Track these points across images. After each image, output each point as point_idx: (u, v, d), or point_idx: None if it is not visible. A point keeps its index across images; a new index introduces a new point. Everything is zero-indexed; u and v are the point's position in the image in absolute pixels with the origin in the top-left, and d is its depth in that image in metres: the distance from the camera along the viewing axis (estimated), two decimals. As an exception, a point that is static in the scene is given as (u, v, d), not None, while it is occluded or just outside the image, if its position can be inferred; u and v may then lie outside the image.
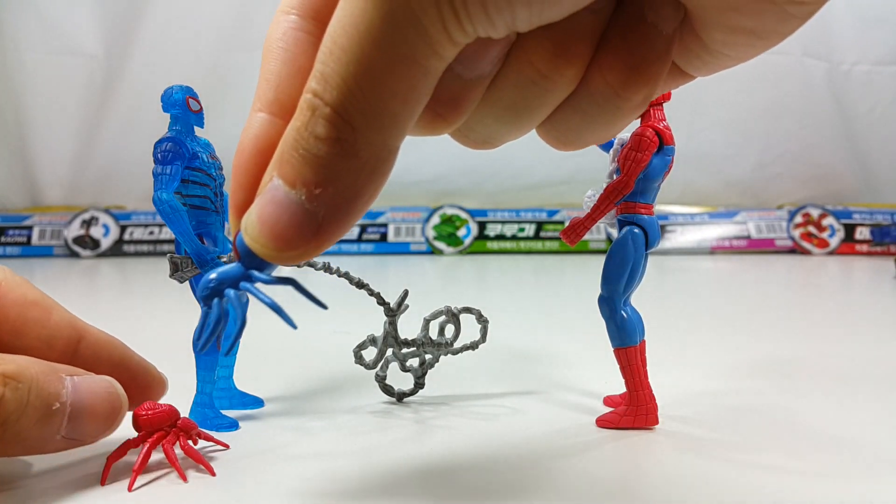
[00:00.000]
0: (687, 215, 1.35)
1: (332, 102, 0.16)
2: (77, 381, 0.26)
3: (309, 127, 0.17)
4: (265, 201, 0.18)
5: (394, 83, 0.16)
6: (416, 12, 0.15)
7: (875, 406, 0.36)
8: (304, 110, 0.17)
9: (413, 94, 0.16)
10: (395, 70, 0.16)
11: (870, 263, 1.15)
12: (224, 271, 0.22)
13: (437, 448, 0.30)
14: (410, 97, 0.16)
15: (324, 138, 0.16)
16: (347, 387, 0.40)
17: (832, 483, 0.26)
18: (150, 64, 1.37)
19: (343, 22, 0.16)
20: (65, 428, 0.25)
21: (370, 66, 0.16)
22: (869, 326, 0.62)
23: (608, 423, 0.33)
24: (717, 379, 0.41)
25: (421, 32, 0.15)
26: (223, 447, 0.30)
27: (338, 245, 1.27)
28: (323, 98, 0.16)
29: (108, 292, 0.94)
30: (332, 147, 0.17)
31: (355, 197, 0.17)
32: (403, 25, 0.15)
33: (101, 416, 0.26)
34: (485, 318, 0.37)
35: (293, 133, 0.17)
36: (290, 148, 0.17)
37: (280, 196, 0.17)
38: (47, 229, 1.31)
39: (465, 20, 0.15)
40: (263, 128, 0.19)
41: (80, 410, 0.25)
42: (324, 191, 0.17)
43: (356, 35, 0.16)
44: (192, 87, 0.33)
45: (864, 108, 1.43)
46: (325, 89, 0.16)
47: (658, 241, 0.32)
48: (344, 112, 0.16)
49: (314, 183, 0.17)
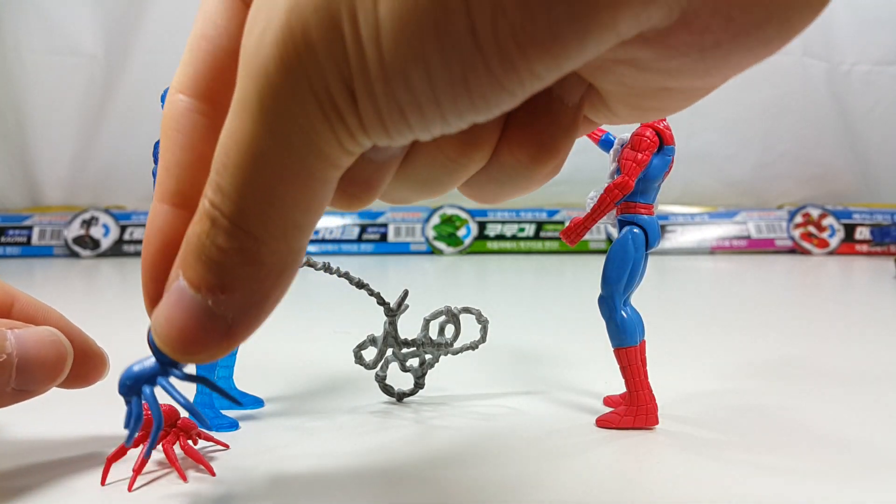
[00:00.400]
0: (687, 215, 1.35)
1: (231, 215, 0.16)
2: (19, 332, 0.25)
3: (210, 236, 0.16)
4: (171, 302, 0.17)
5: (292, 195, 0.15)
6: (308, 133, 0.14)
7: (875, 406, 0.36)
8: (203, 218, 0.16)
9: (314, 201, 0.16)
10: (292, 184, 0.15)
11: (870, 263, 1.15)
12: (140, 369, 0.23)
13: (437, 448, 0.30)
14: (312, 204, 0.16)
15: (225, 249, 0.16)
16: (347, 387, 0.40)
17: (832, 483, 0.26)
18: (150, 64, 1.37)
19: (234, 138, 0.15)
20: (14, 380, 0.25)
21: (264, 183, 0.15)
22: (869, 326, 0.62)
23: (608, 423, 0.33)
24: (717, 379, 0.41)
25: (315, 151, 0.15)
26: (223, 447, 0.30)
27: (338, 245, 1.27)
28: (221, 210, 0.16)
29: (108, 292, 0.94)
30: (234, 256, 0.16)
31: (264, 299, 0.17)
32: (295, 146, 0.15)
33: (48, 364, 0.26)
34: (485, 318, 0.37)
35: (194, 239, 0.16)
36: (192, 253, 0.17)
37: (186, 299, 0.17)
38: (47, 229, 1.31)
39: (362, 137, 0.15)
40: (167, 220, 0.19)
41: (27, 361, 0.25)
42: (230, 296, 0.16)
43: (247, 154, 0.15)
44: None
45: (864, 108, 1.43)
46: (223, 202, 0.16)
47: (658, 241, 0.32)
48: (244, 224, 0.16)
49: (219, 288, 0.16)
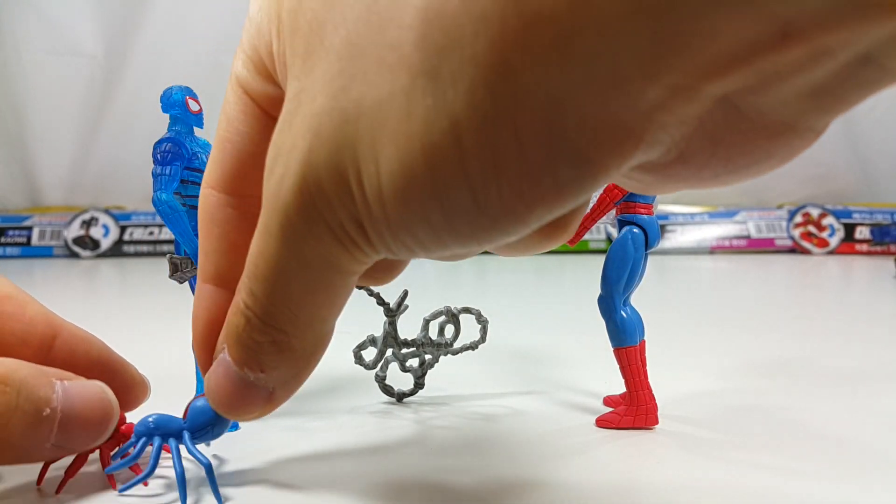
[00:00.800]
0: (687, 215, 1.35)
1: (263, 316, 0.18)
2: (68, 385, 0.24)
3: (245, 331, 0.18)
4: (220, 373, 0.19)
5: (313, 299, 0.17)
6: (325, 257, 0.16)
7: (875, 406, 0.36)
8: (239, 315, 0.18)
9: (336, 300, 0.18)
10: (313, 293, 0.17)
11: (870, 263, 1.15)
12: (165, 421, 0.25)
13: (437, 448, 0.30)
14: (334, 303, 0.18)
15: (260, 341, 0.18)
16: (347, 387, 0.40)
17: (832, 483, 0.26)
18: (150, 64, 1.37)
19: (262, 256, 0.17)
20: (55, 435, 0.23)
21: (289, 293, 0.17)
22: (869, 326, 0.62)
23: (608, 423, 0.33)
24: (717, 379, 0.41)
25: (333, 268, 0.17)
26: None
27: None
28: (254, 312, 0.18)
29: (108, 292, 0.94)
30: (268, 346, 0.18)
31: (299, 374, 0.19)
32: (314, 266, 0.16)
33: (92, 423, 0.24)
34: (484, 318, 0.37)
35: (233, 329, 0.19)
36: (232, 339, 0.19)
37: (232, 372, 0.19)
38: (47, 230, 1.31)
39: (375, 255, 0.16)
40: (211, 298, 0.21)
41: (71, 417, 0.24)
42: (268, 374, 0.19)
43: (273, 270, 0.17)
44: (191, 88, 0.33)
45: (864, 108, 1.43)
46: (255, 305, 0.18)
47: (658, 240, 0.32)
48: (274, 322, 0.18)
49: (258, 369, 0.19)
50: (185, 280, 0.32)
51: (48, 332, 0.28)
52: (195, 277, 0.32)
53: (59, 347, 0.28)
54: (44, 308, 0.29)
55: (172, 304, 0.73)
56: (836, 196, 1.43)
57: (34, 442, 0.23)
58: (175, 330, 0.41)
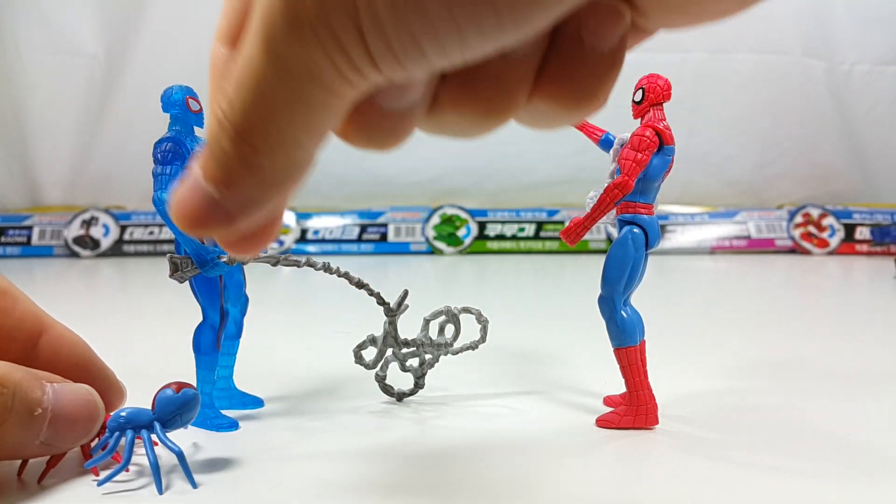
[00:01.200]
0: (687, 215, 1.35)
1: (234, 124, 0.17)
2: (57, 388, 0.26)
3: (216, 138, 0.18)
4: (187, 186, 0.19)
5: (290, 115, 0.17)
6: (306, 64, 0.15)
7: (875, 406, 0.36)
8: (213, 120, 0.18)
9: (315, 123, 0.17)
10: (290, 106, 0.16)
11: (870, 263, 1.15)
12: (136, 413, 0.27)
13: (437, 448, 0.30)
14: (312, 125, 0.17)
15: (228, 151, 0.18)
16: (347, 387, 0.40)
17: (832, 483, 0.26)
18: (150, 64, 1.37)
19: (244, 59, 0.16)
20: (44, 434, 0.25)
21: (265, 103, 0.16)
22: (869, 326, 0.62)
23: (608, 423, 0.33)
24: (717, 379, 0.41)
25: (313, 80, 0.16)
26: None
27: (338, 245, 1.27)
28: (227, 117, 0.17)
29: (108, 292, 0.94)
30: (235, 160, 0.18)
31: (260, 200, 0.18)
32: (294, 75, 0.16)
33: (79, 423, 0.26)
34: (484, 318, 0.37)
35: (209, 136, 0.18)
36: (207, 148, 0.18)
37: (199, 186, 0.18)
38: (47, 229, 1.31)
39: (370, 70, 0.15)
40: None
41: (60, 417, 0.26)
42: (230, 192, 0.18)
43: (252, 76, 0.16)
44: (191, 88, 0.33)
45: (864, 108, 1.43)
46: (229, 110, 0.17)
47: (658, 241, 0.32)
48: (244, 133, 0.17)
49: (223, 183, 0.18)
50: (186, 279, 0.32)
51: (35, 329, 0.29)
52: (195, 277, 0.32)
53: (43, 345, 0.29)
54: (34, 305, 0.30)
55: (172, 303, 0.73)
56: (836, 196, 1.43)
57: (25, 440, 0.25)
58: (175, 329, 0.41)
